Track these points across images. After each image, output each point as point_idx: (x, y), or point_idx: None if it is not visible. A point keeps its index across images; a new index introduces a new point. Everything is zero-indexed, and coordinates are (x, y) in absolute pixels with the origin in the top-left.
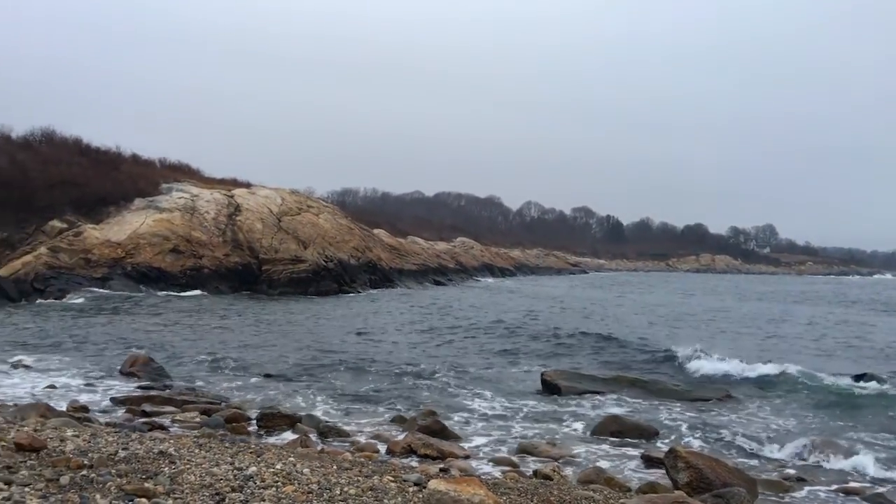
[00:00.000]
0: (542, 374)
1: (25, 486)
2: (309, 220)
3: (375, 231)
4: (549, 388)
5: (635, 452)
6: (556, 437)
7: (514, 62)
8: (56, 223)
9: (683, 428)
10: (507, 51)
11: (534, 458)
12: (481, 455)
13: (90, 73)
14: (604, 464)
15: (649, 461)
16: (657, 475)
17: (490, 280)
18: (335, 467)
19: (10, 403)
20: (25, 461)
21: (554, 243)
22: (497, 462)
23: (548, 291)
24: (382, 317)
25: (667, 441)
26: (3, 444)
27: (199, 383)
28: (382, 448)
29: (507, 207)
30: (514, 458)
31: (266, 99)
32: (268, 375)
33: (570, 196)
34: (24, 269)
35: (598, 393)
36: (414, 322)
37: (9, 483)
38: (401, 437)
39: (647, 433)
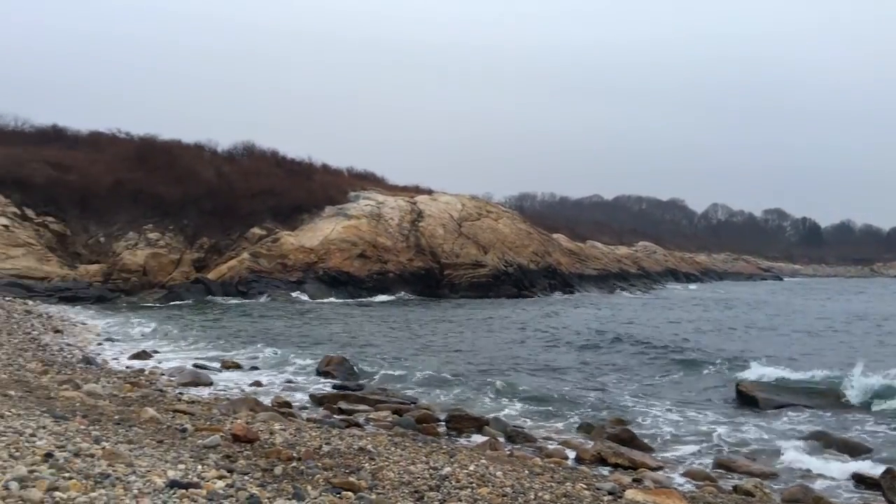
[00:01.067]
0: (737, 385)
1: (245, 474)
2: (489, 225)
3: (554, 235)
4: (745, 400)
5: (844, 471)
6: (755, 451)
7: (700, 67)
8: (257, 230)
9: None
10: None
11: (732, 473)
12: (674, 467)
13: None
14: (810, 482)
15: (861, 481)
16: (871, 497)
17: (676, 286)
18: (527, 472)
19: (224, 398)
20: (242, 451)
21: (743, 247)
22: (691, 475)
23: (744, 298)
24: (562, 322)
25: (880, 460)
26: (222, 434)
27: (389, 383)
28: (571, 455)
29: (691, 210)
30: (710, 472)
31: (445, 107)
32: (453, 377)
33: (760, 198)
34: (229, 272)
35: (799, 406)
36: (595, 329)
37: (230, 471)
38: (589, 444)
39: (856, 450)
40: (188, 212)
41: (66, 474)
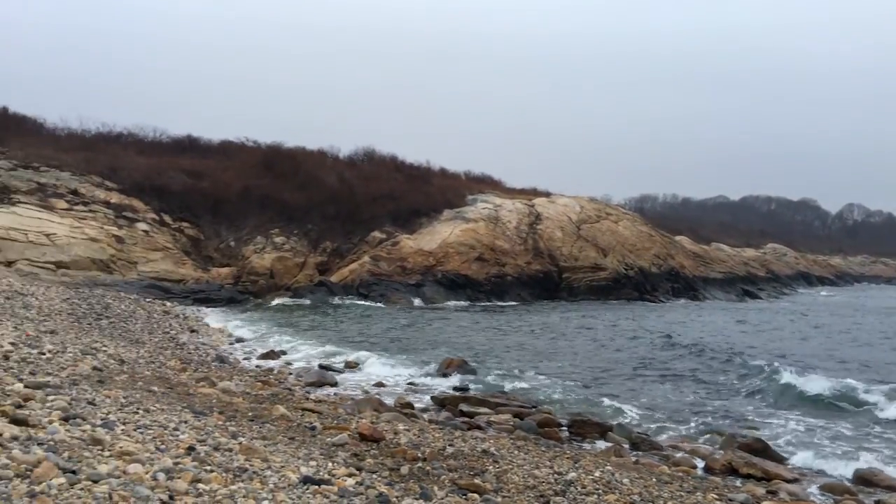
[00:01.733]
0: None
1: (373, 472)
2: (608, 227)
3: (677, 238)
4: None
5: None
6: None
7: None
8: (377, 234)
9: None
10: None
11: (874, 488)
12: (810, 479)
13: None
14: None
15: None
16: None
17: (809, 290)
18: (654, 480)
19: (348, 397)
20: (369, 450)
21: (882, 249)
22: (829, 489)
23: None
24: (687, 328)
25: None
26: (349, 433)
27: (509, 387)
28: (700, 464)
29: (824, 211)
30: (850, 486)
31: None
32: (573, 381)
33: None
34: (350, 275)
35: None
36: (724, 335)
37: (359, 469)
38: (719, 454)
39: None
40: (312, 216)
41: (208, 467)
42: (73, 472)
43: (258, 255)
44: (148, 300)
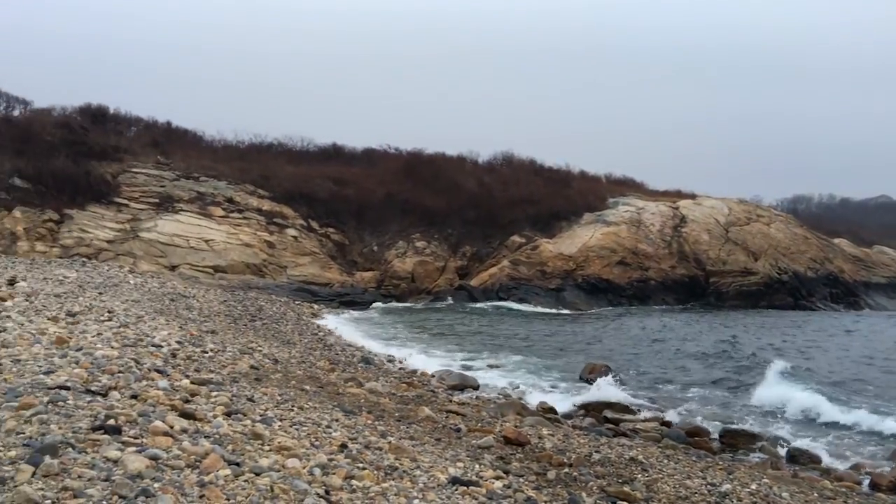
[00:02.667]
0: None
1: (519, 476)
2: (759, 229)
3: (835, 241)
4: None
5: None
6: None
7: None
8: (516, 238)
9: None
10: None
11: None
12: None
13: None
14: None
15: None
16: None
17: None
18: (815, 495)
19: (490, 400)
20: (514, 454)
21: None
22: None
23: None
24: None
25: None
26: (493, 436)
27: (653, 393)
28: (865, 480)
29: None
30: None
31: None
32: (720, 390)
33: None
34: (490, 279)
35: None
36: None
37: (506, 472)
38: (887, 469)
39: None
40: (452, 221)
41: (360, 464)
42: (237, 464)
43: (400, 260)
44: (297, 303)
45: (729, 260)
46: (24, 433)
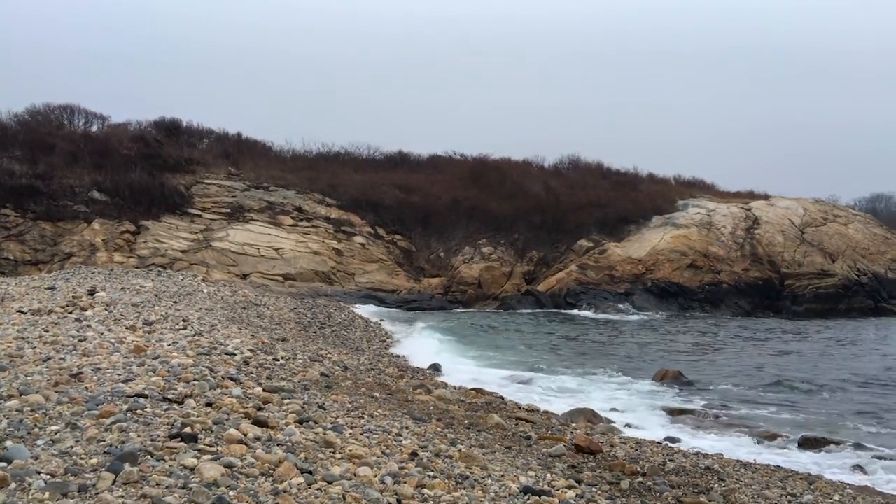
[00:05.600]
0: None
1: (592, 486)
2: (836, 230)
3: None
4: None
5: None
6: None
7: None
8: (583, 242)
9: None
10: None
11: None
12: None
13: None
14: None
15: None
16: None
17: None
18: None
19: (559, 407)
20: (586, 462)
21: None
22: None
23: None
24: None
25: None
26: (564, 444)
27: (729, 400)
28: None
29: None
30: None
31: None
32: (804, 395)
33: None
34: (557, 284)
35: None
36: None
37: (578, 481)
38: None
39: None
40: (518, 226)
41: (431, 473)
42: (310, 472)
43: (466, 265)
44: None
45: (805, 262)
46: (104, 441)
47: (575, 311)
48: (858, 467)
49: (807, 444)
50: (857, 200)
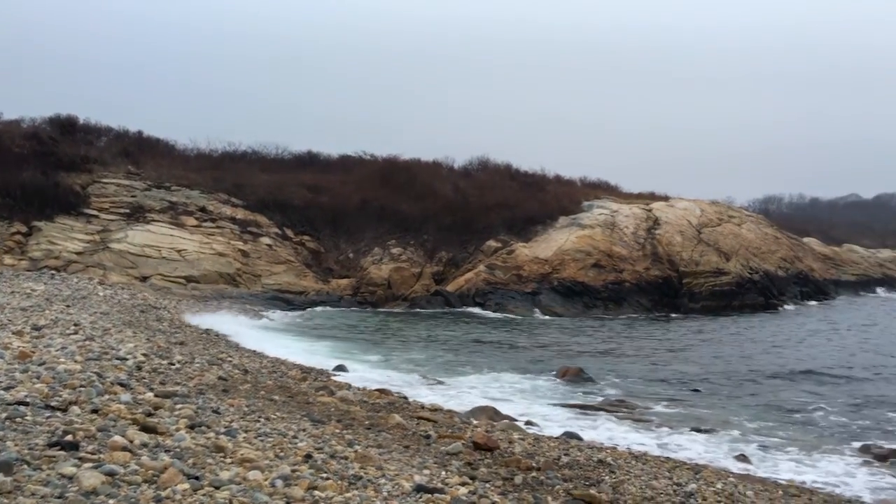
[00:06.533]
0: None
1: (486, 482)
2: (730, 230)
3: (805, 240)
4: None
5: None
6: None
7: None
8: (492, 243)
9: None
10: None
11: None
12: None
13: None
14: None
15: None
16: None
17: None
18: (780, 492)
19: (463, 406)
20: (483, 459)
21: None
22: None
23: None
24: (814, 332)
25: None
26: (463, 442)
27: (627, 395)
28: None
29: None
30: None
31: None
32: (695, 390)
33: None
34: (466, 284)
35: None
36: (854, 338)
37: (472, 478)
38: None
39: None
40: (427, 227)
41: (324, 475)
42: (197, 478)
43: (376, 266)
44: (274, 312)
45: (701, 261)
46: None
47: (483, 311)
48: (742, 456)
49: (695, 434)
50: (751, 202)
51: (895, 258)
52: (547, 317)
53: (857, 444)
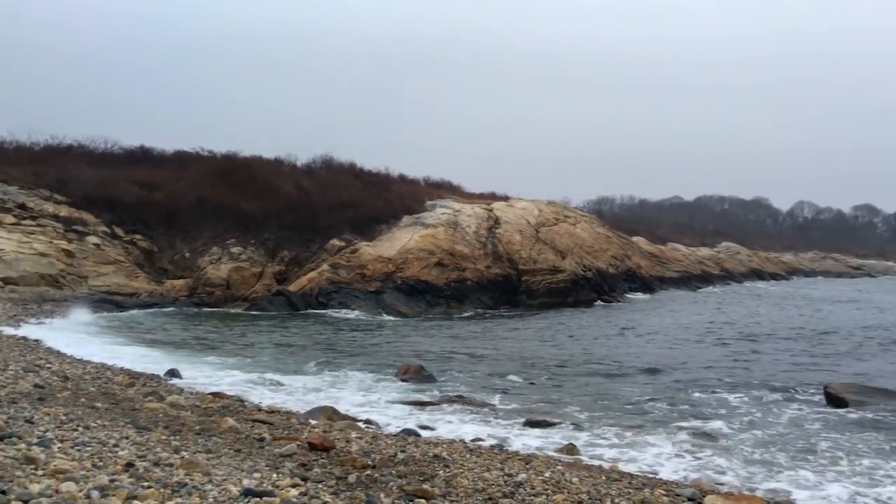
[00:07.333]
0: (825, 387)
1: (319, 482)
2: (566, 230)
3: (634, 239)
4: (834, 403)
5: None
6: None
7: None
8: (336, 242)
9: None
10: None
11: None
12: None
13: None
14: None
15: None
16: None
17: (760, 284)
18: (603, 478)
19: (302, 407)
20: (317, 460)
21: (831, 245)
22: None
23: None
24: (641, 325)
25: None
26: (298, 443)
27: (466, 391)
28: None
29: (775, 209)
30: None
31: (519, 114)
32: (531, 383)
33: (849, 194)
34: (309, 284)
35: (892, 410)
36: (676, 329)
37: (305, 479)
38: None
39: None
40: (269, 226)
41: (146, 483)
42: (3, 492)
43: (214, 266)
44: (102, 316)
45: (539, 259)
46: None
47: (326, 311)
48: (571, 445)
49: (530, 426)
50: (586, 202)
51: (712, 256)
52: (391, 316)
53: (676, 428)
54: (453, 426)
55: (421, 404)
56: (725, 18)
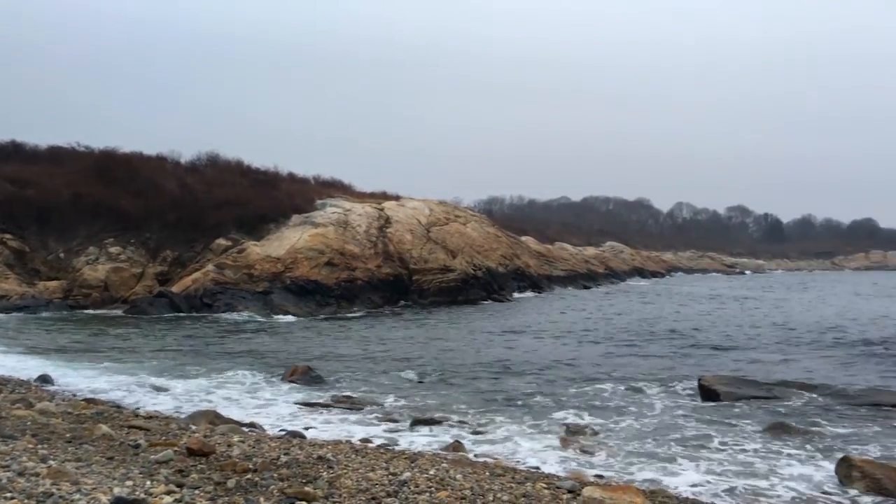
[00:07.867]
0: (699, 380)
1: (195, 488)
2: (457, 229)
3: (523, 238)
4: (707, 395)
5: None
6: (711, 445)
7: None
8: (221, 241)
9: (860, 435)
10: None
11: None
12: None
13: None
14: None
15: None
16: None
17: (643, 282)
18: (487, 473)
19: (184, 412)
20: (196, 465)
21: (708, 245)
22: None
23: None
24: (529, 323)
25: (839, 450)
26: (176, 449)
27: (355, 391)
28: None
29: (657, 210)
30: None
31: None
32: (419, 382)
33: (724, 195)
34: (193, 285)
35: (761, 398)
36: (562, 327)
37: (181, 486)
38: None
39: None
40: (150, 225)
41: (8, 494)
42: None
43: (91, 267)
44: None
45: (430, 258)
46: None
47: (211, 313)
48: (458, 443)
49: (418, 425)
50: (476, 202)
51: (597, 255)
52: (279, 316)
53: (559, 423)
54: (341, 427)
55: (309, 405)
56: (611, 25)
